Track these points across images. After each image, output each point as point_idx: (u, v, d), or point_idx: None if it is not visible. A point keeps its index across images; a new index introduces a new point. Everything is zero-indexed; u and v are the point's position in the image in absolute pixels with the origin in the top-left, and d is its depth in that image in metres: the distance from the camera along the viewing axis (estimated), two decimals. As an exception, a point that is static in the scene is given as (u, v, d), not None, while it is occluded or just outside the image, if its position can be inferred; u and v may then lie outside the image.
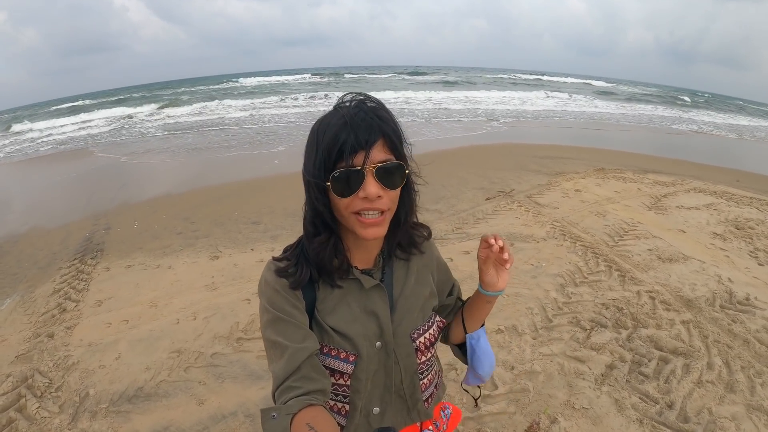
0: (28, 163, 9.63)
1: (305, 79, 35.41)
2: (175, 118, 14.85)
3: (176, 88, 33.27)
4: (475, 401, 1.05)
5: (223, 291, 3.26)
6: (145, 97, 25.14)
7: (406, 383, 0.84)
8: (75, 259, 4.00)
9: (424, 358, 0.85)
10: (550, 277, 3.32)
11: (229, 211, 5.01)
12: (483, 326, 0.91)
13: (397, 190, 0.71)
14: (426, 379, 0.88)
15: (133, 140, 10.92)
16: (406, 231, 0.83)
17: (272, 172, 6.78)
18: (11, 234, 4.82)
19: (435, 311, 0.91)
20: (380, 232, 0.72)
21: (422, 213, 0.82)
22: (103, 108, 20.33)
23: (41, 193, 6.77)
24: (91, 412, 2.14)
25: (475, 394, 1.26)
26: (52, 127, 15.35)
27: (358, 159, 0.66)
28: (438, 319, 0.90)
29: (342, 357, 0.78)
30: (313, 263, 0.77)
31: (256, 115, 14.14)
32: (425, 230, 0.88)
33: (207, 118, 14.33)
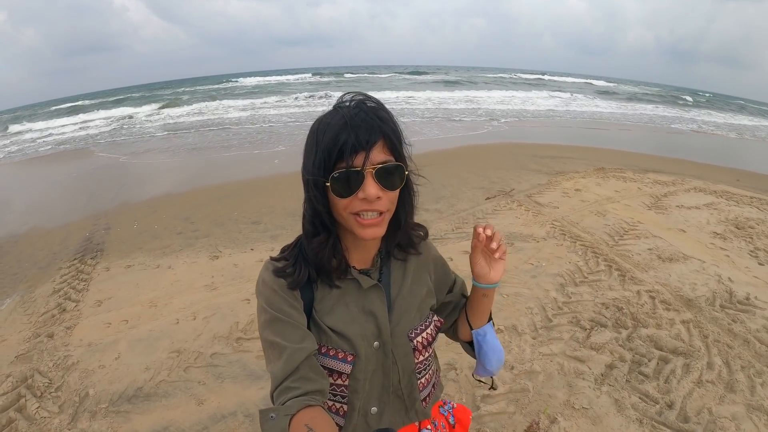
0: (28, 163, 9.63)
1: (305, 78, 35.37)
2: (175, 118, 14.83)
3: (176, 88, 33.25)
4: (491, 386, 1.05)
5: (223, 291, 3.26)
6: (145, 97, 25.12)
7: (404, 383, 0.84)
8: (75, 259, 4.00)
9: (421, 358, 0.85)
10: (549, 277, 3.32)
11: (229, 211, 5.01)
12: (490, 322, 0.90)
13: (396, 192, 0.71)
14: (424, 379, 0.88)
15: (133, 140, 10.92)
16: (405, 232, 0.83)
17: (272, 172, 6.77)
18: (11, 234, 4.82)
19: (433, 310, 0.91)
20: (379, 232, 0.72)
21: (422, 213, 0.82)
22: (103, 108, 20.30)
23: (41, 193, 6.77)
24: (90, 412, 2.14)
25: (488, 381, 1.24)
26: (52, 127, 15.29)
27: (358, 160, 0.66)
28: (436, 318, 0.89)
29: (340, 357, 0.78)
30: (311, 263, 0.77)
31: (256, 115, 14.12)
32: (422, 230, 0.88)
33: (207, 117, 14.32)
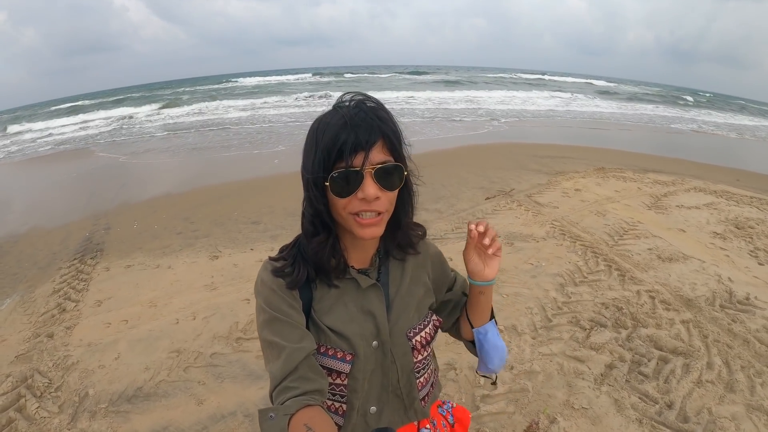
0: (28, 163, 9.63)
1: (305, 78, 35.35)
2: (175, 118, 14.84)
3: (176, 88, 33.24)
4: (493, 382, 1.03)
5: (223, 291, 3.26)
6: (145, 97, 25.11)
7: (402, 382, 0.84)
8: (75, 259, 4.00)
9: (420, 357, 0.85)
10: (549, 277, 3.32)
11: (228, 211, 5.01)
12: (493, 320, 0.88)
13: (395, 192, 0.71)
14: (422, 378, 0.88)
15: (133, 140, 10.92)
16: (405, 232, 0.83)
17: (272, 172, 6.77)
18: (11, 234, 4.82)
19: (432, 310, 0.91)
20: (377, 231, 0.72)
21: (422, 212, 0.81)
22: (102, 108, 20.28)
23: (41, 193, 6.77)
24: (90, 412, 2.14)
25: (491, 378, 1.22)
26: (52, 127, 15.25)
27: (357, 160, 0.66)
28: (434, 318, 0.89)
29: (339, 356, 0.78)
30: (310, 263, 0.77)
31: (256, 115, 14.11)
32: (420, 229, 0.88)
33: (207, 117, 14.32)
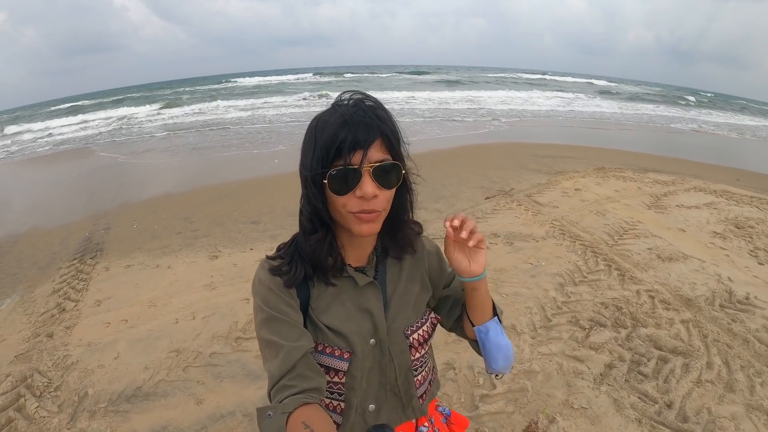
0: (27, 162, 9.63)
1: (306, 78, 35.34)
2: (175, 117, 14.83)
3: (176, 88, 33.23)
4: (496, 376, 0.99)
5: (222, 290, 3.26)
6: (145, 97, 25.09)
7: (400, 380, 0.84)
8: (74, 259, 4.00)
9: (417, 355, 0.85)
10: (549, 276, 3.32)
11: (228, 211, 5.01)
12: (495, 318, 0.84)
13: (392, 190, 0.71)
14: (420, 376, 0.88)
15: (133, 140, 10.92)
16: (403, 230, 0.83)
17: (272, 172, 6.78)
18: (11, 234, 4.82)
19: (430, 307, 0.90)
20: (375, 228, 0.72)
21: (422, 212, 0.81)
22: (103, 108, 20.26)
23: (41, 193, 6.77)
24: (89, 411, 2.14)
25: (500, 377, 1.13)
26: (52, 127, 15.22)
27: (355, 158, 0.66)
28: (432, 315, 0.89)
29: (337, 355, 0.78)
30: (308, 261, 0.77)
31: (256, 115, 14.10)
32: (417, 227, 0.87)
33: (207, 117, 14.31)
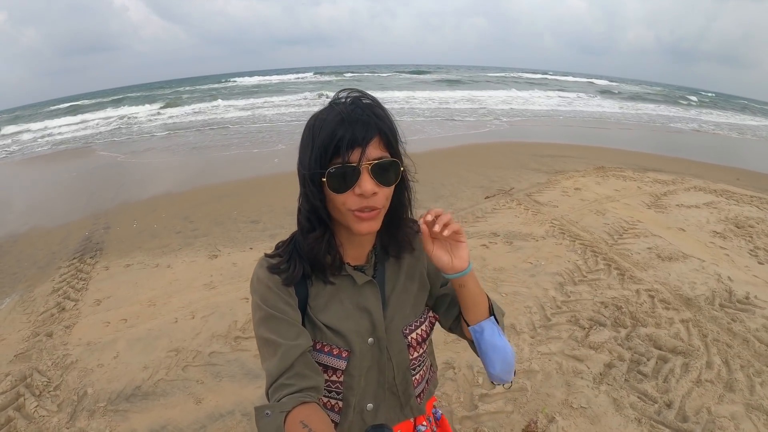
0: (28, 162, 9.63)
1: (306, 78, 35.30)
2: (175, 117, 14.82)
3: (176, 88, 33.19)
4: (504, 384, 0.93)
5: (222, 290, 3.26)
6: (145, 97, 25.06)
7: (398, 379, 0.84)
8: (74, 258, 4.00)
9: (416, 354, 0.85)
10: (548, 276, 3.32)
11: (228, 210, 5.01)
12: (491, 317, 0.80)
13: (391, 188, 0.71)
14: (418, 375, 0.88)
15: (133, 139, 10.92)
16: (402, 229, 0.82)
17: (272, 171, 6.78)
18: (11, 234, 4.82)
19: (429, 306, 0.90)
20: (374, 226, 0.72)
21: (421, 211, 0.80)
22: (102, 107, 20.25)
23: (41, 192, 6.77)
24: (89, 410, 2.14)
25: (505, 386, 1.07)
26: (51, 126, 15.18)
27: (354, 155, 0.66)
28: (431, 314, 0.89)
29: (335, 353, 0.78)
30: (306, 259, 0.77)
31: (256, 114, 14.10)
32: (416, 225, 0.87)
33: (207, 117, 14.30)
